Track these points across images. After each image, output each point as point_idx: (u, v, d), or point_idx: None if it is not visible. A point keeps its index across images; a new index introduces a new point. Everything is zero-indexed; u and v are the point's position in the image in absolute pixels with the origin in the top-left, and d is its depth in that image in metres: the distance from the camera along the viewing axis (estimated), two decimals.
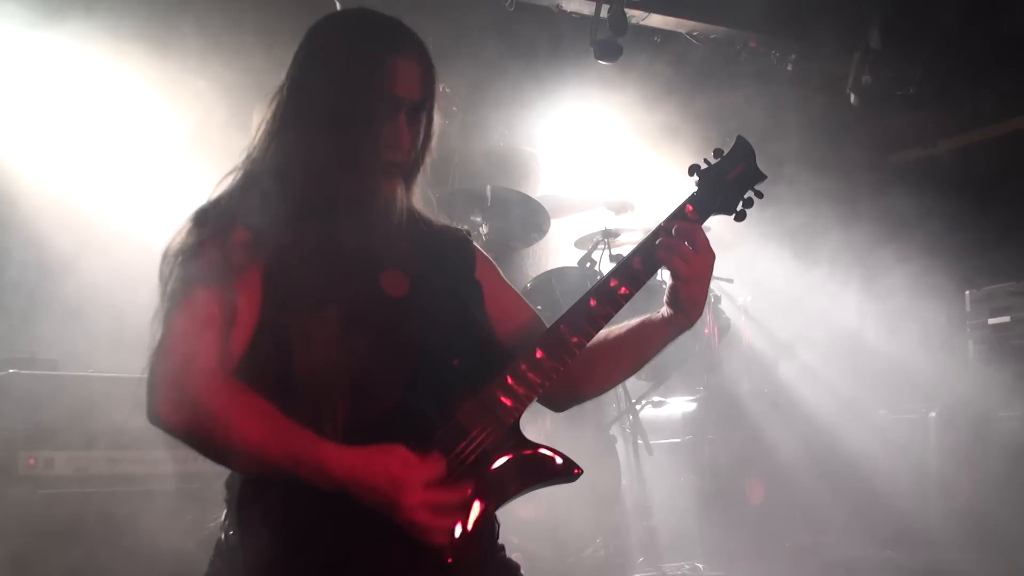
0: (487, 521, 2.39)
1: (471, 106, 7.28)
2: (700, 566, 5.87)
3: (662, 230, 2.52)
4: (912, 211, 7.73)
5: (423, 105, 2.52)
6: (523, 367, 2.39)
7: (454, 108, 6.94)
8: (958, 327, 7.35)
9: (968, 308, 7.37)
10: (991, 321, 7.19)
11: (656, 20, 7.71)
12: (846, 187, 7.78)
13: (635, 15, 7.40)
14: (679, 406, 6.91)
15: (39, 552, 4.27)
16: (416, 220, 2.63)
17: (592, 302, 2.46)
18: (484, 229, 6.36)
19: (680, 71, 7.98)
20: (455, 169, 6.85)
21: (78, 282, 5.27)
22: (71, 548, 4.32)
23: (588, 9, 7.35)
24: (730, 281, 7.31)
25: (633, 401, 6.43)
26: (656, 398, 6.94)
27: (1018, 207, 7.11)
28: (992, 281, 7.28)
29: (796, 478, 6.50)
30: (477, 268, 2.76)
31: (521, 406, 2.38)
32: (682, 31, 7.92)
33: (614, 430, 6.21)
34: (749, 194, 2.63)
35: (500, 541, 2.53)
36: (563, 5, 7.44)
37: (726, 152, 2.63)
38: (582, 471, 2.46)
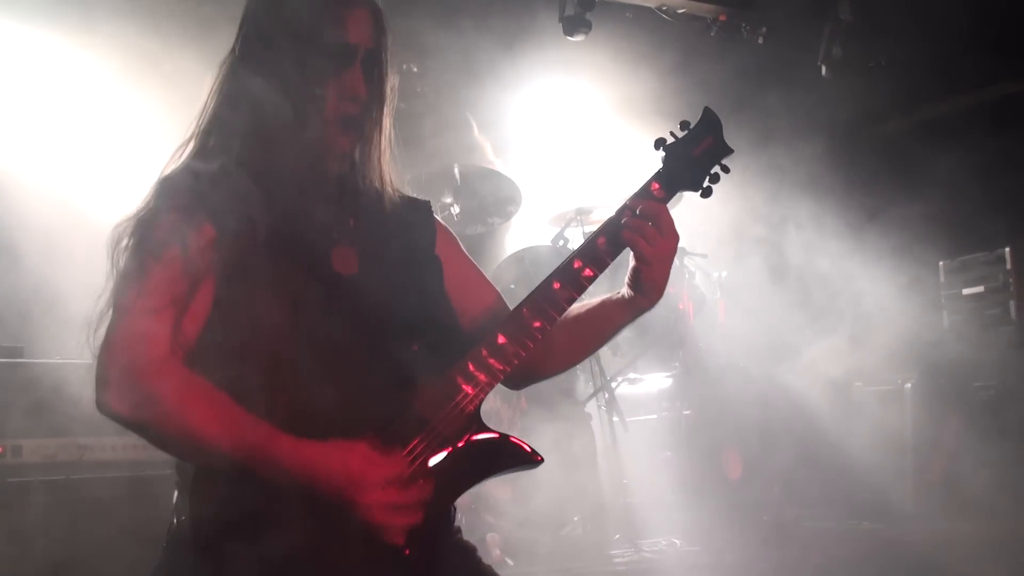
0: (445, 512, 2.36)
1: (441, 86, 7.22)
2: (677, 542, 5.85)
3: (627, 209, 2.46)
4: (885, 183, 7.74)
5: (376, 54, 2.42)
6: (484, 352, 2.33)
7: (419, 89, 6.89)
8: (932, 298, 7.35)
9: (942, 279, 7.38)
10: (965, 291, 7.20)
11: None
12: (818, 160, 7.76)
13: None
14: (655, 382, 6.89)
15: (7, 540, 4.23)
16: (373, 189, 2.51)
17: (556, 284, 2.41)
18: (456, 209, 6.32)
19: (650, 46, 7.94)
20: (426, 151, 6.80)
21: (43, 268, 5.22)
22: (40, 536, 4.27)
23: None
24: (704, 256, 7.28)
25: (608, 378, 6.40)
26: (632, 375, 6.92)
27: (992, 177, 7.10)
28: (966, 252, 7.29)
29: (773, 452, 6.50)
30: (437, 243, 2.65)
31: (482, 393, 2.33)
32: (651, 5, 7.86)
33: (589, 407, 6.18)
34: (716, 169, 2.54)
35: (457, 524, 2.50)
36: None
37: (692, 125, 2.55)
38: (543, 459, 2.39)
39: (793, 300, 7.35)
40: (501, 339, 2.35)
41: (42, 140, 6.03)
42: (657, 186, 2.49)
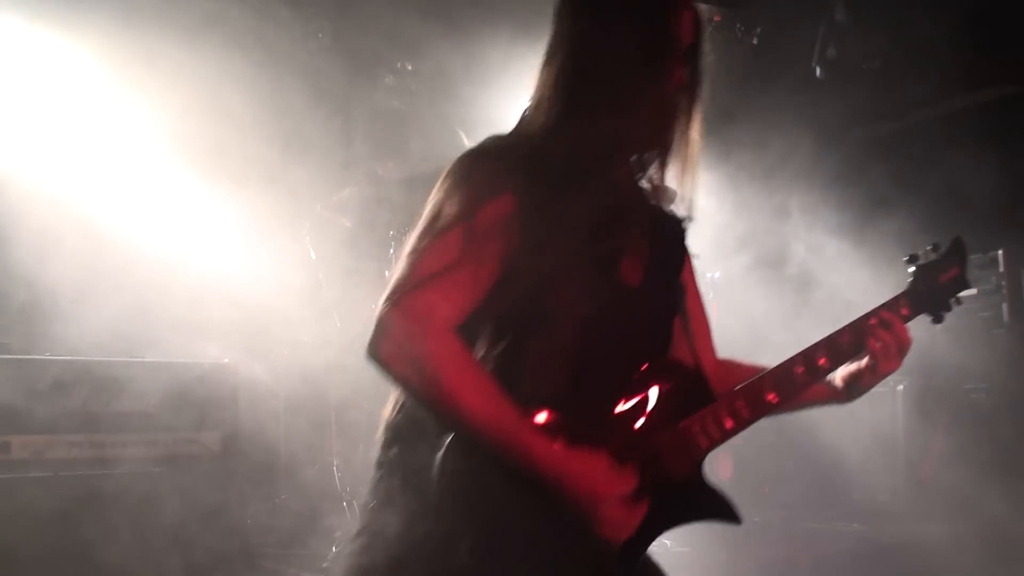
0: (651, 542, 2.38)
1: (438, 85, 7.21)
2: (667, 542, 5.84)
3: (877, 318, 2.60)
4: (879, 184, 7.74)
5: (696, 57, 2.41)
6: (723, 411, 2.39)
7: (413, 88, 6.87)
8: None
9: None
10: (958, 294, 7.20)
11: None
12: (812, 161, 7.76)
13: None
14: None
15: None
16: (651, 199, 2.48)
17: (799, 369, 2.51)
18: None
19: None
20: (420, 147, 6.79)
21: (34, 266, 5.21)
22: (29, 532, 4.26)
23: None
24: (696, 256, 7.25)
25: None
26: None
27: (985, 179, 7.10)
28: None
29: (764, 453, 6.50)
30: (685, 268, 2.67)
31: (712, 447, 2.40)
32: None
33: None
34: (952, 300, 2.73)
35: None
36: None
37: (943, 250, 2.73)
38: (742, 521, 2.48)
39: (786, 301, 7.34)
40: (740, 404, 2.42)
41: (33, 136, 6.01)
42: (906, 309, 2.66)
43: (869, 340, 2.54)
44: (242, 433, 5.34)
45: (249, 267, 6.36)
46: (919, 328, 2.72)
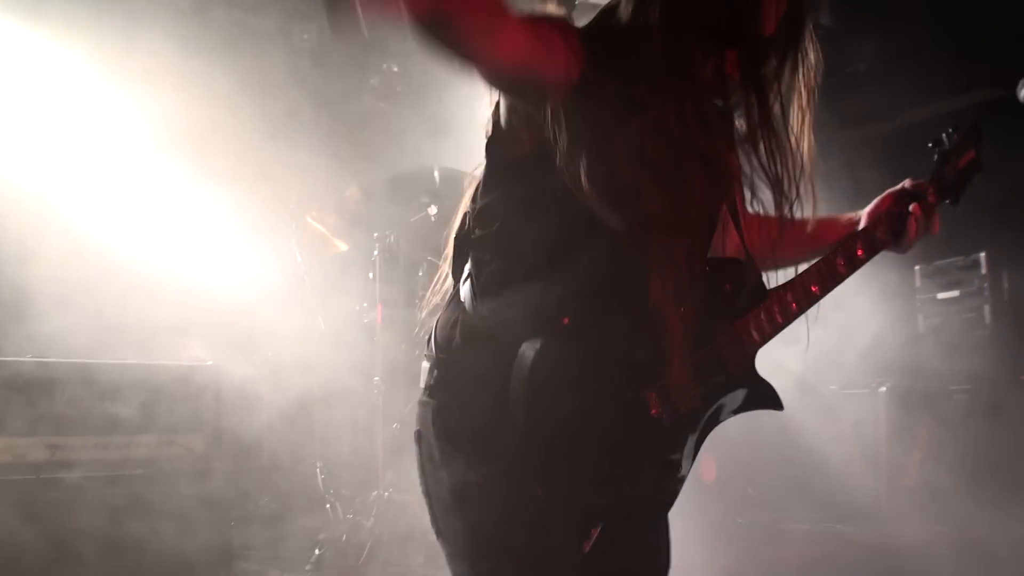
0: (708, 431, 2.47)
1: (422, 87, 7.21)
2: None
3: (911, 211, 2.74)
4: (859, 188, 7.75)
5: None
6: (775, 307, 2.45)
7: (399, 89, 6.86)
8: (908, 302, 7.38)
9: (918, 283, 7.41)
10: (940, 296, 7.23)
11: None
12: None
13: None
14: None
15: None
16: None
17: (840, 261, 2.60)
18: (433, 210, 6.29)
19: None
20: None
21: (16, 268, 5.20)
22: (8, 535, 4.24)
23: None
24: None
25: None
26: None
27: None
28: (942, 256, 7.31)
29: (748, 455, 6.50)
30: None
31: (765, 341, 2.47)
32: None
33: None
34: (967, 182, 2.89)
35: None
36: None
37: (963, 133, 2.86)
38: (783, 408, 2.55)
39: None
40: (789, 296, 2.50)
41: (14, 136, 5.99)
42: (932, 194, 2.79)
43: (910, 223, 2.71)
44: (225, 435, 5.32)
45: (233, 269, 6.36)
46: (901, 331, 2.77)
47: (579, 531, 2.24)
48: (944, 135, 2.83)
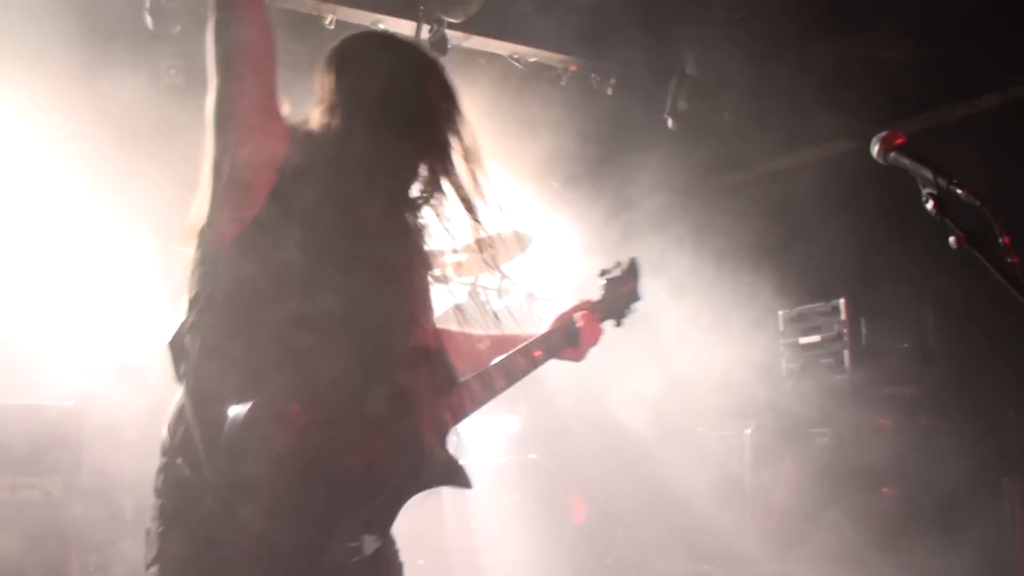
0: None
1: None
2: None
3: (584, 321, 3.25)
4: (728, 232, 7.93)
5: None
6: (465, 394, 2.87)
7: None
8: (772, 346, 7.55)
9: (781, 328, 7.59)
10: (802, 340, 7.41)
11: (477, 42, 7.73)
12: (662, 209, 7.92)
13: (456, 36, 7.41)
14: (502, 425, 6.91)
15: None
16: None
17: (521, 360, 3.07)
18: None
19: (503, 93, 8.03)
20: None
21: None
22: None
23: (409, 29, 7.32)
24: (551, 302, 7.34)
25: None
26: (479, 416, 6.91)
27: (829, 230, 7.35)
28: (804, 302, 7.50)
29: (617, 496, 6.57)
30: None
31: (457, 422, 2.88)
32: (503, 53, 7.96)
33: None
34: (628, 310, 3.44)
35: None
36: (383, 24, 7.38)
37: (625, 268, 3.46)
38: (472, 487, 2.91)
39: (639, 346, 7.47)
40: (476, 386, 2.93)
41: None
42: (600, 313, 3.34)
43: (581, 338, 3.22)
44: (86, 477, 5.18)
45: (100, 306, 6.20)
46: (765, 374, 2.89)
47: None
48: (612, 267, 3.44)
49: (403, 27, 7.37)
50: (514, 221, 6.79)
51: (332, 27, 7.18)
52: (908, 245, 6.66)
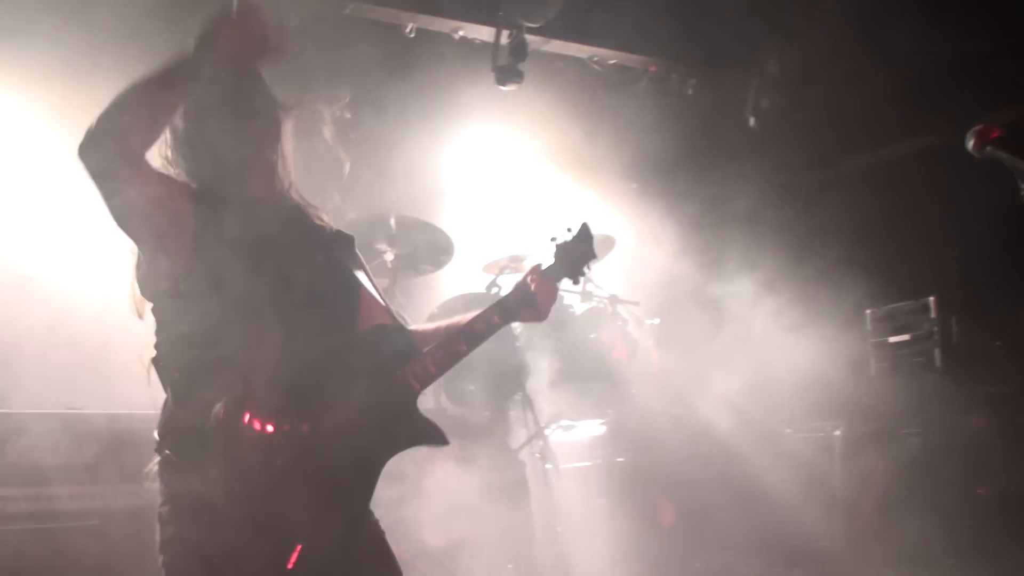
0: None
1: (373, 136, 7.21)
2: None
3: (531, 283, 3.44)
4: (814, 231, 7.85)
5: None
6: (429, 360, 3.12)
7: (352, 136, 6.85)
8: (860, 346, 7.44)
9: (868, 327, 7.48)
10: (891, 339, 7.30)
11: (556, 46, 7.74)
12: (747, 209, 7.86)
13: (535, 41, 7.41)
14: (588, 429, 6.90)
15: None
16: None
17: (483, 323, 3.29)
18: (389, 256, 6.31)
19: (582, 96, 8.03)
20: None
21: None
22: None
23: (488, 35, 7.34)
24: (636, 304, 7.32)
25: (542, 425, 6.40)
26: (565, 422, 6.92)
27: (915, 226, 7.24)
28: (892, 300, 7.40)
29: (705, 499, 6.52)
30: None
31: (424, 387, 3.15)
32: (583, 56, 7.96)
33: (523, 454, 6.17)
34: (585, 269, 3.61)
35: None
36: (462, 32, 7.42)
37: (576, 232, 3.59)
38: (448, 443, 3.12)
39: (725, 348, 7.41)
40: (440, 352, 3.16)
41: None
42: (553, 274, 3.52)
43: (538, 299, 3.39)
44: None
45: None
46: (854, 375, 2.83)
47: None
48: (561, 235, 3.59)
49: (482, 33, 7.41)
50: (597, 223, 6.78)
51: (412, 35, 7.23)
52: (999, 241, 6.54)
